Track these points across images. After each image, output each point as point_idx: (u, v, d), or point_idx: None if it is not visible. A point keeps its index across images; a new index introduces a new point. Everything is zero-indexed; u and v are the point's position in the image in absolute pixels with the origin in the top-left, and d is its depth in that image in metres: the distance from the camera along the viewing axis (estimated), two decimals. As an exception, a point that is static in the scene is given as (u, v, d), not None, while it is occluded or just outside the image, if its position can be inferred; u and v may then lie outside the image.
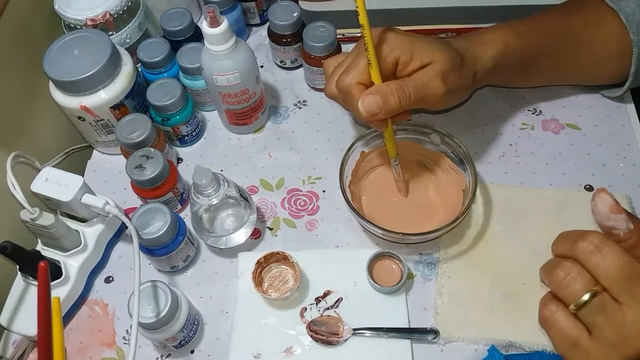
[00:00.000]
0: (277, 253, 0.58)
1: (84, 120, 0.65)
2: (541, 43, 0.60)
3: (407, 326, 0.56)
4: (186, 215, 0.65)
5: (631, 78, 0.63)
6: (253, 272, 0.57)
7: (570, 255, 0.38)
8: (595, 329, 0.37)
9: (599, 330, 0.37)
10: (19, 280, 0.59)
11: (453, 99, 0.57)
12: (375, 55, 0.50)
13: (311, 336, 0.56)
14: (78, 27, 0.67)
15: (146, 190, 0.61)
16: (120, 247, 0.65)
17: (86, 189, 0.57)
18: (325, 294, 0.58)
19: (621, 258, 0.36)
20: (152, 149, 0.61)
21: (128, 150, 0.63)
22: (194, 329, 0.56)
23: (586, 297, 0.37)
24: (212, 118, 0.73)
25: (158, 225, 0.56)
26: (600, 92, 0.69)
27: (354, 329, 0.56)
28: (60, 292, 0.58)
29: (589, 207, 0.40)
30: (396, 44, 0.52)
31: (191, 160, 0.70)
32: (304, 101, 0.74)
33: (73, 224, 0.60)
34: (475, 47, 0.58)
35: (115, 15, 0.67)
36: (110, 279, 0.63)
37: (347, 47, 0.72)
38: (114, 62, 0.62)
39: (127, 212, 0.65)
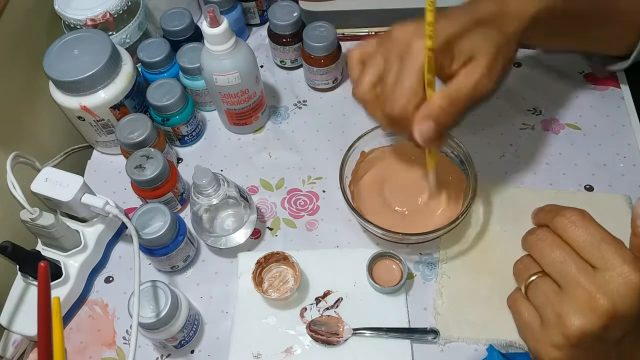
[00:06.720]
0: (277, 253, 0.58)
1: (84, 120, 0.65)
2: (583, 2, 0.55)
3: (407, 326, 0.56)
4: (186, 215, 0.65)
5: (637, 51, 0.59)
6: (253, 272, 0.57)
7: (548, 224, 0.42)
8: (539, 310, 0.40)
9: (541, 311, 0.39)
10: (19, 280, 0.59)
11: (500, 83, 0.51)
12: (434, 73, 0.46)
13: (311, 336, 0.56)
14: (78, 27, 0.67)
15: (146, 190, 0.61)
16: (120, 247, 0.65)
17: (86, 189, 0.57)
18: (325, 294, 0.58)
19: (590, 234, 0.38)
20: (152, 149, 0.61)
21: (128, 150, 0.63)
22: (194, 329, 0.56)
23: (532, 278, 0.41)
24: (212, 118, 0.73)
25: (158, 225, 0.56)
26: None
27: (354, 329, 0.56)
28: (60, 292, 0.58)
29: (589, 208, 0.41)
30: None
31: (191, 160, 0.70)
32: (304, 101, 0.74)
33: (73, 224, 0.60)
34: (511, 6, 0.50)
35: (115, 15, 0.67)
36: (110, 279, 0.63)
37: (347, 47, 0.72)
38: (114, 62, 0.62)
39: (127, 212, 0.65)
